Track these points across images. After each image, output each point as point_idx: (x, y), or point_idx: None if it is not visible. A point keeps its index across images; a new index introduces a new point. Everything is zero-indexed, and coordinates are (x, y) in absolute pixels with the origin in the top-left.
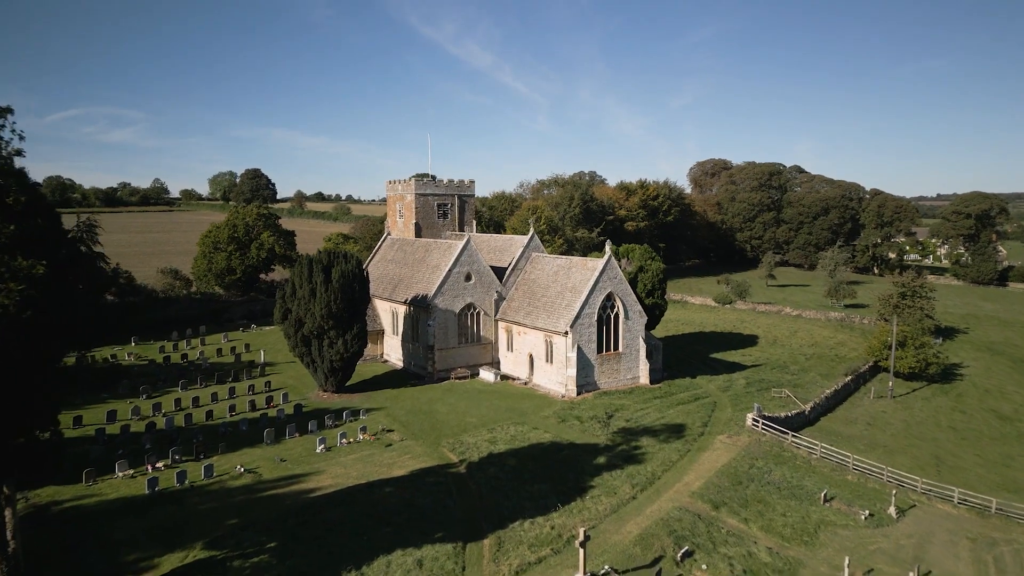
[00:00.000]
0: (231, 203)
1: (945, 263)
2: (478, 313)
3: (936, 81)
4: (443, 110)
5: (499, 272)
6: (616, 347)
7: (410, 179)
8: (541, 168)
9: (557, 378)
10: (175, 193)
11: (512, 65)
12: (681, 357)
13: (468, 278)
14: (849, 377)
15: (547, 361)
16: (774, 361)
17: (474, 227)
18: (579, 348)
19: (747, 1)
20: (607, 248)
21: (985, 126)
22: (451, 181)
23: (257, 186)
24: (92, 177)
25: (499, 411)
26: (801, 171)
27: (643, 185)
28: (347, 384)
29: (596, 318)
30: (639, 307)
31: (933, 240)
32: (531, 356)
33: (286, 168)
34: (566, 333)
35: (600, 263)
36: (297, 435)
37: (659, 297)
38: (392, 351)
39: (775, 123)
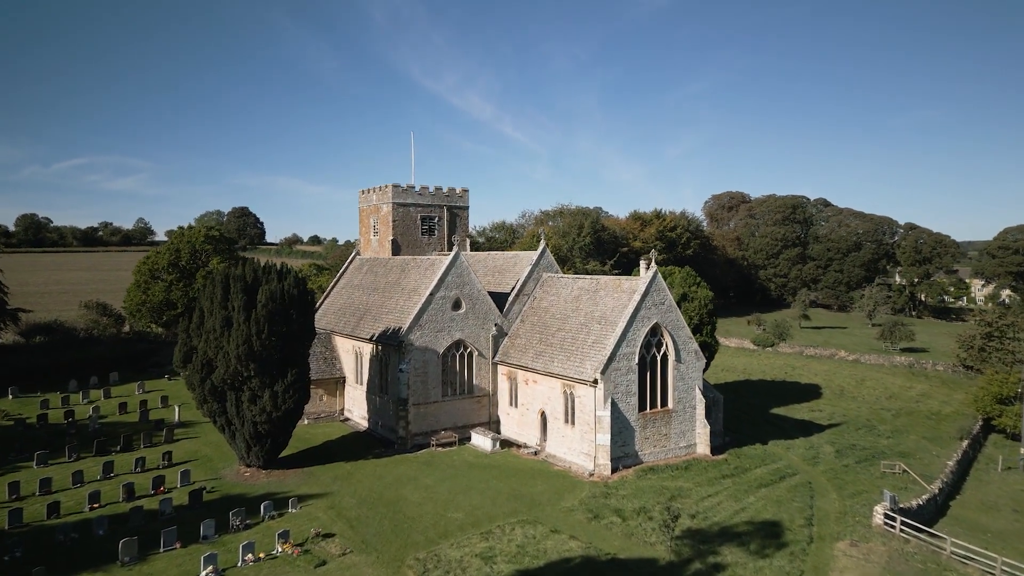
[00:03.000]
0: None
1: (982, 304)
2: (470, 354)
3: (931, 131)
4: (445, 160)
5: (500, 299)
6: (665, 402)
7: (387, 186)
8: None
9: (582, 447)
10: (161, 234)
11: (512, 116)
12: (736, 413)
13: (457, 306)
14: (966, 442)
15: (567, 422)
16: (853, 418)
17: (468, 246)
18: (613, 403)
19: (741, 54)
20: (648, 262)
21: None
22: (439, 189)
23: (244, 225)
24: (93, 223)
25: (498, 499)
26: (827, 204)
27: (659, 215)
28: (280, 456)
29: (637, 360)
30: (695, 345)
31: (968, 280)
32: (543, 414)
33: (289, 216)
34: (595, 382)
35: (641, 283)
36: (178, 545)
37: (708, 334)
38: (355, 406)
39: (772, 173)
